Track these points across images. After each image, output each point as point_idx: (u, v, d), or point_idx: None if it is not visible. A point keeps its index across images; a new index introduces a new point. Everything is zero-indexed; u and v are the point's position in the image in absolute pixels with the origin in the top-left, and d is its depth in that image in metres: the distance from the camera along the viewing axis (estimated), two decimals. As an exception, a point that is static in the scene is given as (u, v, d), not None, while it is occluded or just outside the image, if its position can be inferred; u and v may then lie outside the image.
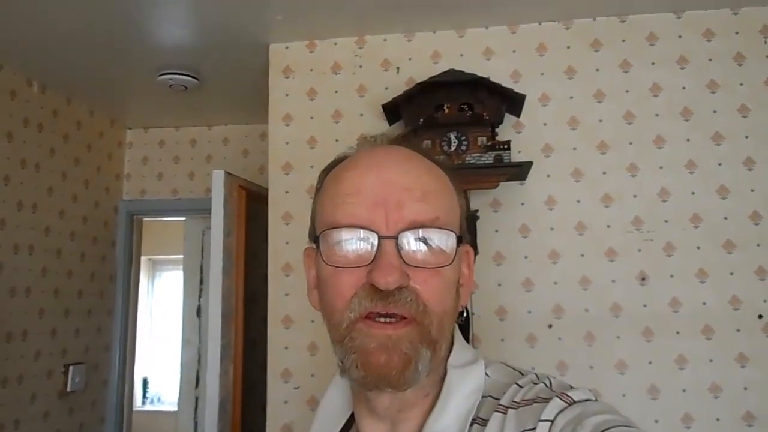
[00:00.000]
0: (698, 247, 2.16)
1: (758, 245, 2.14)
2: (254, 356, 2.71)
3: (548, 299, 2.21)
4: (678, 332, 2.13)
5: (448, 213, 0.67)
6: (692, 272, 2.15)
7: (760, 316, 2.10)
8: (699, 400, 2.09)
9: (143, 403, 6.27)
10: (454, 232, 0.65)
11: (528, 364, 0.71)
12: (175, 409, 4.20)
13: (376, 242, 0.62)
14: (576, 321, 2.19)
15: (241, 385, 2.62)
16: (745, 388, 2.07)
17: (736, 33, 2.24)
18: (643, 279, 2.17)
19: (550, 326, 2.20)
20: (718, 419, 2.07)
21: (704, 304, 2.13)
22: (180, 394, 3.76)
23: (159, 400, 6.32)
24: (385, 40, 2.43)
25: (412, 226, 0.63)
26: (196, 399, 3.65)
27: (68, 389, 2.91)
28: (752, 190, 2.17)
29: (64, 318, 2.92)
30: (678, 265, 2.16)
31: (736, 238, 2.15)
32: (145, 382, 6.32)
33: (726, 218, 2.16)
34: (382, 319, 0.62)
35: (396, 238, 0.62)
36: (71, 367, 2.93)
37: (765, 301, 2.11)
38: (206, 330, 2.64)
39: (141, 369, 5.85)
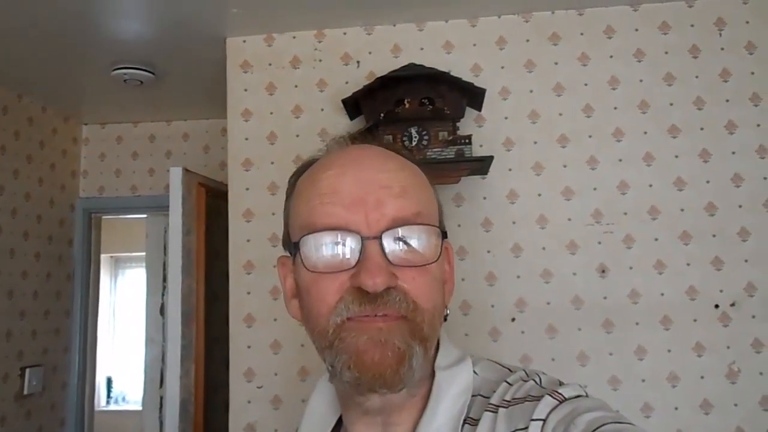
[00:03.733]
0: (656, 239, 2.19)
1: (714, 236, 2.17)
2: (217, 355, 2.67)
3: (511, 293, 2.22)
4: (637, 323, 2.16)
5: (429, 207, 0.67)
6: (650, 264, 2.18)
7: (717, 306, 2.14)
8: (658, 389, 2.12)
9: (108, 402, 6.17)
10: (437, 227, 0.65)
11: (492, 358, 0.70)
12: (140, 408, 4.14)
13: (359, 244, 0.61)
14: (538, 314, 2.20)
15: (204, 384, 2.58)
16: (702, 377, 2.11)
17: (692, 25, 2.27)
18: (603, 271, 2.19)
19: (513, 320, 2.21)
20: (676, 408, 2.11)
21: (662, 295, 2.16)
22: (144, 393, 3.70)
23: (124, 399, 6.21)
24: (344, 33, 2.40)
25: (394, 224, 0.61)
26: (161, 398, 3.59)
27: (25, 392, 2.83)
28: (708, 182, 2.20)
29: (19, 320, 2.84)
30: (637, 256, 2.19)
31: (692, 229, 2.18)
32: (109, 382, 6.20)
33: (682, 210, 2.19)
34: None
35: (379, 238, 0.60)
36: (28, 370, 2.85)
37: (721, 291, 2.15)
38: (168, 329, 2.59)
39: (105, 368, 5.77)
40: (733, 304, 2.14)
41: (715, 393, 2.10)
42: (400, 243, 0.62)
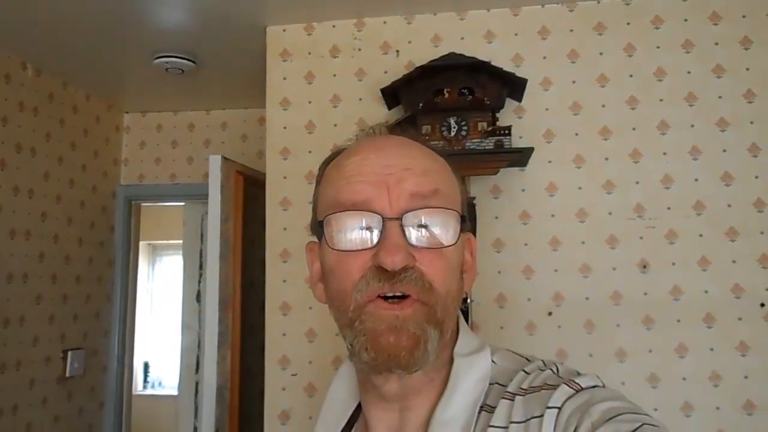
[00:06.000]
0: (701, 235, 2.13)
1: (762, 233, 2.11)
2: (253, 343, 2.70)
3: (548, 287, 2.19)
4: (679, 320, 2.11)
5: (449, 190, 0.68)
6: (694, 260, 2.13)
7: (762, 305, 2.08)
8: (699, 388, 2.07)
9: (144, 387, 6.30)
10: (456, 211, 0.66)
11: (527, 352, 0.71)
12: (176, 393, 4.22)
13: (380, 224, 0.63)
14: (576, 309, 2.17)
15: (239, 371, 2.61)
16: (746, 377, 2.05)
17: (744, 16, 2.20)
18: (645, 267, 2.15)
19: (550, 314, 2.18)
20: (718, 408, 2.05)
21: (706, 292, 2.11)
22: (180, 378, 3.76)
23: (160, 384, 6.33)
24: (384, 22, 2.39)
25: (414, 200, 0.63)
26: (197, 384, 3.65)
27: (67, 374, 2.91)
28: (756, 177, 2.13)
29: (62, 304, 2.91)
30: (680, 252, 2.14)
31: (739, 225, 2.12)
32: (146, 367, 6.33)
33: (729, 205, 2.13)
34: (389, 301, 0.62)
35: (400, 219, 0.62)
36: (70, 353, 2.93)
37: (767, 290, 2.08)
38: (205, 316, 2.63)
39: (142, 353, 5.88)
40: (780, 304, 2.07)
41: (759, 394, 2.04)
42: (422, 220, 0.64)
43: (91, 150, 3.19)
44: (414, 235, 0.63)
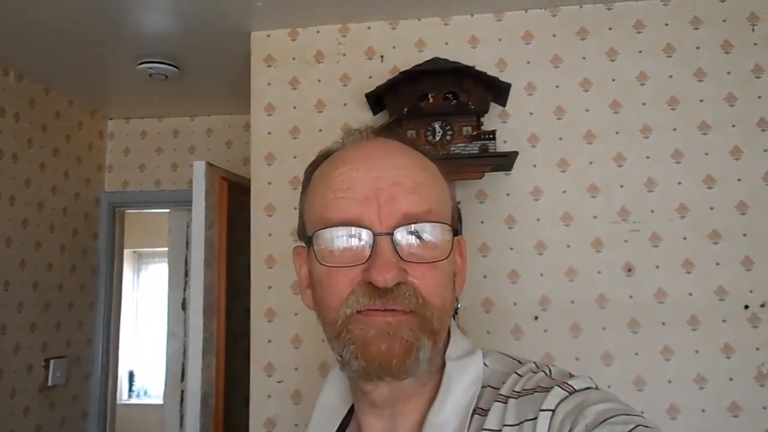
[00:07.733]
0: (684, 238, 2.15)
1: (745, 235, 2.12)
2: (238, 350, 2.68)
3: (534, 291, 2.19)
4: (664, 323, 2.12)
5: (441, 204, 0.67)
6: (678, 263, 2.14)
7: (746, 307, 2.09)
8: (684, 391, 2.08)
9: (129, 396, 6.23)
10: (448, 224, 0.65)
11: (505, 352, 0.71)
12: (161, 402, 4.17)
13: (371, 240, 0.61)
14: (562, 312, 2.17)
15: (224, 378, 2.59)
16: (731, 379, 2.06)
17: (724, 21, 2.22)
18: (629, 270, 2.15)
19: (536, 318, 2.18)
20: (703, 410, 2.06)
21: (690, 294, 2.12)
22: (166, 387, 3.72)
23: (145, 393, 6.27)
24: (369, 27, 2.39)
25: (406, 220, 0.62)
26: (182, 392, 3.61)
27: (49, 383, 2.87)
28: (739, 180, 2.15)
29: (44, 311, 2.87)
30: (664, 255, 2.15)
31: (722, 228, 2.13)
32: (131, 376, 6.27)
33: (712, 208, 2.15)
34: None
35: (391, 234, 0.61)
36: (52, 361, 2.89)
37: (751, 292, 2.10)
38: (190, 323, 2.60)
39: (127, 362, 5.83)
40: (763, 305, 2.09)
41: (743, 395, 2.05)
42: (412, 238, 0.62)
43: (74, 156, 3.16)
44: (406, 250, 0.62)
